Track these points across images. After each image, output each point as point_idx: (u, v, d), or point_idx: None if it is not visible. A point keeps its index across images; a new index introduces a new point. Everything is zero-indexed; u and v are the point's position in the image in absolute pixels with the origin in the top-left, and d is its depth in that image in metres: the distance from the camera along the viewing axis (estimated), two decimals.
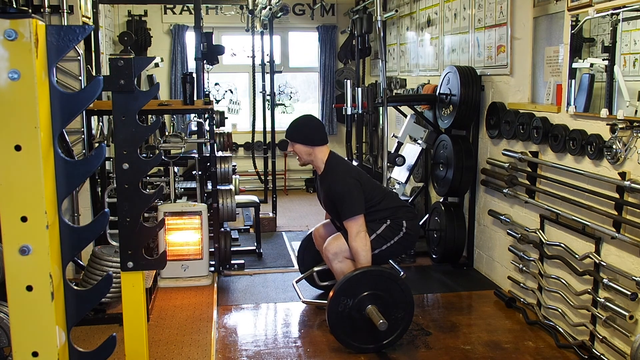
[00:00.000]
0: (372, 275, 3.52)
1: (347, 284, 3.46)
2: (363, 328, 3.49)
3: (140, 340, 1.92)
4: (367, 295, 3.47)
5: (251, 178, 8.26)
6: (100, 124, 4.98)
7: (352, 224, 3.63)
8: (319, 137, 3.87)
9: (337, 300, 3.46)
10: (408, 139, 5.61)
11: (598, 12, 3.28)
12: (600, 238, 3.39)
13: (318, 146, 3.85)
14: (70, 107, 1.50)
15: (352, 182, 3.72)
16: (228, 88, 8.82)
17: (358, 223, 3.62)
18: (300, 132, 3.87)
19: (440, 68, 5.75)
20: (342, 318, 3.47)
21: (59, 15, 4.52)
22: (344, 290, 3.46)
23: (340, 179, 3.75)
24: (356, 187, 3.70)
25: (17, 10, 1.39)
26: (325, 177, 3.86)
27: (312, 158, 3.88)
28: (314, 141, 3.84)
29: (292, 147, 3.90)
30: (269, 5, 6.17)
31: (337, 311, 3.47)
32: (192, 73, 4.69)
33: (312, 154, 3.86)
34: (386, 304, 3.48)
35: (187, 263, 4.51)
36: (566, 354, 3.54)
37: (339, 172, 3.80)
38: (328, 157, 3.87)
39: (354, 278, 3.48)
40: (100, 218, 1.60)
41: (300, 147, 3.86)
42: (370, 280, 3.49)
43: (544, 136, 3.86)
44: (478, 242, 5.05)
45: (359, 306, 3.47)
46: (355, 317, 3.48)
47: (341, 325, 3.49)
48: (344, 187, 3.69)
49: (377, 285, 3.49)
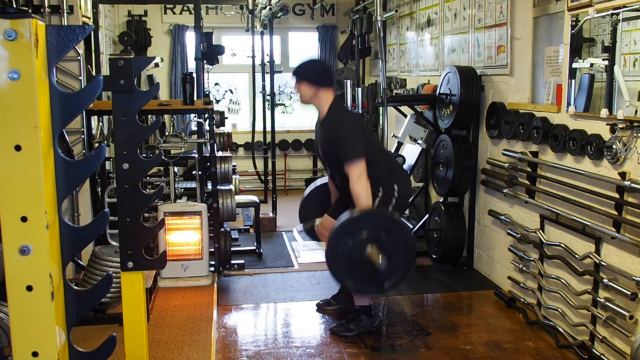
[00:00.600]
0: (373, 216, 3.44)
1: (347, 224, 3.37)
2: (362, 269, 3.38)
3: (140, 340, 1.92)
4: (367, 236, 3.35)
5: (251, 178, 8.26)
6: (100, 124, 4.98)
7: (353, 167, 3.53)
8: (326, 78, 3.77)
9: (338, 238, 3.36)
10: (408, 139, 5.61)
11: (598, 12, 3.28)
12: (600, 238, 3.39)
13: (323, 88, 3.74)
14: (70, 107, 1.50)
15: (355, 126, 3.64)
16: (228, 88, 8.82)
17: (359, 167, 3.53)
18: (307, 71, 3.77)
19: (440, 68, 5.75)
20: (341, 257, 3.37)
21: (59, 15, 4.51)
22: (344, 229, 3.36)
23: (343, 122, 3.65)
24: (358, 132, 3.62)
25: (17, 10, 1.39)
26: (327, 120, 3.75)
27: (316, 100, 3.76)
28: (319, 82, 3.73)
29: (298, 85, 3.78)
30: (269, 5, 6.17)
31: (336, 250, 3.36)
32: (192, 73, 4.69)
33: (316, 95, 3.74)
34: (387, 246, 3.35)
35: (187, 263, 4.51)
36: (566, 354, 3.54)
37: (342, 115, 3.71)
38: (333, 101, 3.76)
39: (355, 218, 3.38)
40: (100, 218, 1.60)
41: (305, 86, 3.74)
42: (372, 222, 3.39)
43: (544, 136, 3.86)
44: (478, 242, 5.05)
45: (359, 247, 3.34)
46: (355, 258, 3.36)
47: (340, 264, 3.39)
48: (346, 130, 3.60)
49: (379, 227, 3.38)
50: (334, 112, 3.74)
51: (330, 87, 3.78)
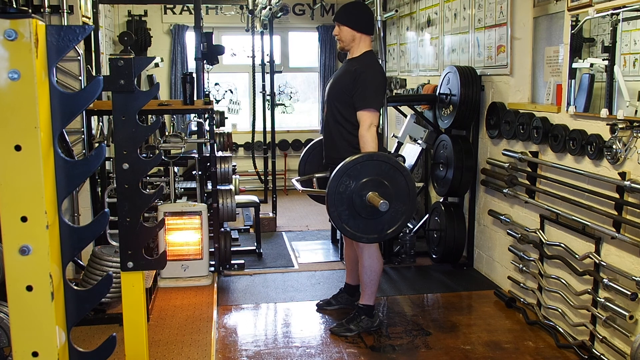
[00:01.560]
0: (377, 161, 3.36)
1: (351, 165, 3.30)
2: (362, 214, 3.33)
3: (140, 340, 1.92)
4: (369, 180, 3.29)
5: (251, 178, 8.26)
6: (100, 124, 4.98)
7: (367, 115, 3.51)
8: (369, 25, 3.75)
9: (339, 179, 3.29)
10: (408, 139, 5.61)
11: (598, 12, 3.28)
12: (600, 238, 3.39)
13: (365, 34, 3.72)
14: (70, 107, 1.50)
15: (382, 80, 3.63)
16: (228, 88, 8.82)
17: (374, 116, 3.52)
18: (350, 14, 3.74)
19: (440, 68, 5.75)
20: (342, 199, 3.31)
21: (59, 15, 4.51)
22: (347, 171, 3.30)
23: (375, 70, 3.63)
24: (383, 87, 3.61)
25: (17, 10, 1.39)
26: (355, 61, 3.72)
27: (354, 45, 3.74)
28: (361, 27, 3.71)
29: (339, 29, 3.75)
30: (269, 5, 6.16)
31: (337, 191, 3.30)
32: (192, 73, 4.69)
33: (355, 39, 3.72)
34: (389, 193, 3.30)
35: (187, 263, 4.51)
36: (566, 354, 3.54)
37: (375, 65, 3.69)
38: (369, 50, 3.75)
39: (358, 160, 3.31)
40: (100, 218, 1.60)
41: (346, 30, 3.72)
42: (375, 166, 3.33)
43: (544, 136, 3.86)
44: (478, 242, 5.05)
45: (360, 190, 3.29)
46: (356, 202, 3.30)
47: (340, 206, 3.32)
48: (374, 77, 3.57)
49: (381, 173, 3.32)
50: (366, 58, 3.72)
51: (371, 34, 3.76)
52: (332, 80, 3.87)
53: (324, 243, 5.94)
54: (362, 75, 3.59)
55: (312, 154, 4.30)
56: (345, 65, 3.82)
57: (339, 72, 3.86)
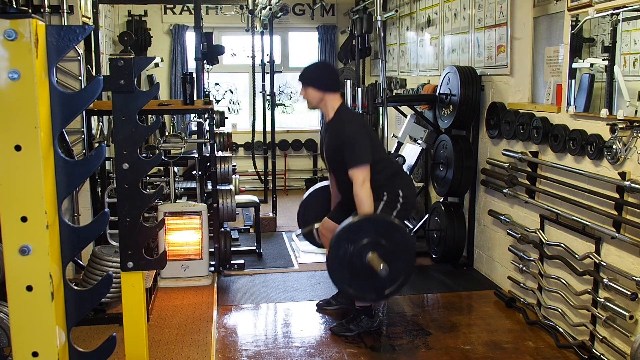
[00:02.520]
0: (375, 222, 3.42)
1: (349, 230, 3.35)
2: (363, 276, 3.36)
3: (140, 340, 1.92)
4: (368, 242, 3.33)
5: (251, 178, 8.26)
6: (100, 124, 4.98)
7: (358, 172, 3.53)
8: (333, 83, 3.76)
9: (339, 244, 3.34)
10: (408, 139, 5.61)
11: (598, 12, 3.28)
12: (600, 238, 3.39)
13: (330, 92, 3.74)
14: (70, 107, 1.50)
15: (362, 131, 3.63)
16: (228, 88, 8.82)
17: (364, 172, 3.54)
18: (314, 76, 3.77)
19: (440, 68, 5.75)
20: (342, 263, 3.35)
21: (59, 15, 4.51)
22: (346, 235, 3.34)
23: (350, 125, 3.65)
24: (365, 137, 3.61)
25: (17, 10, 1.39)
26: (333, 123, 3.75)
27: (322, 105, 3.77)
28: (326, 86, 3.73)
29: (304, 90, 3.78)
30: (269, 5, 6.17)
31: (337, 255, 3.34)
32: (192, 73, 4.69)
33: (323, 99, 3.75)
34: (388, 252, 3.33)
35: (187, 263, 4.51)
36: (566, 354, 3.54)
37: (349, 119, 3.70)
38: (340, 105, 3.76)
39: (356, 224, 3.37)
40: (100, 218, 1.60)
41: (311, 90, 3.75)
42: (373, 228, 3.38)
43: (544, 136, 3.86)
44: (478, 242, 5.05)
45: (360, 253, 3.33)
46: (356, 264, 3.34)
47: (341, 270, 3.37)
48: (353, 134, 3.59)
49: (379, 233, 3.36)
50: (341, 116, 3.73)
51: (338, 91, 3.78)
52: (325, 146, 3.91)
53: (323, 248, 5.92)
54: (342, 137, 3.63)
55: (312, 200, 4.34)
56: (326, 130, 3.85)
57: (325, 138, 3.89)
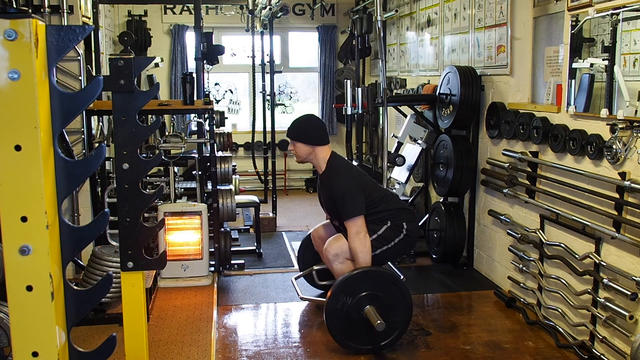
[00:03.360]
0: (372, 275, 3.52)
1: (346, 283, 3.46)
2: (361, 328, 3.49)
3: (140, 340, 1.92)
4: (366, 296, 3.46)
5: (251, 178, 8.26)
6: (100, 124, 4.98)
7: (351, 225, 3.63)
8: (321, 136, 3.85)
9: (336, 298, 3.46)
10: (408, 139, 5.61)
11: (598, 12, 3.28)
12: (600, 238, 3.39)
13: (319, 146, 3.83)
14: (70, 107, 1.50)
15: (352, 183, 3.71)
16: (228, 88, 8.82)
17: (358, 224, 3.62)
18: (301, 131, 3.86)
19: (440, 68, 5.75)
20: (340, 317, 3.47)
21: (59, 15, 4.52)
22: (343, 289, 3.46)
23: (341, 179, 3.74)
24: (356, 188, 3.70)
25: (17, 10, 1.39)
26: (325, 177, 3.85)
27: (313, 157, 3.86)
28: (315, 140, 3.82)
29: (293, 145, 3.89)
30: (269, 5, 6.16)
31: (335, 309, 3.46)
32: (192, 73, 4.69)
33: (312, 153, 3.85)
34: (384, 305, 3.48)
35: (187, 263, 4.51)
36: (566, 354, 3.54)
37: (339, 173, 3.79)
38: (330, 157, 3.85)
39: (353, 277, 3.48)
40: (100, 218, 1.60)
41: (301, 146, 3.85)
42: (370, 281, 3.49)
43: (544, 136, 3.86)
44: (478, 242, 5.05)
45: (357, 306, 3.46)
46: (354, 317, 3.47)
47: (339, 323, 3.49)
48: (344, 188, 3.69)
49: (377, 286, 3.49)
50: (331, 168, 3.83)
51: (326, 143, 3.88)
52: (320, 196, 4.03)
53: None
54: (334, 191, 3.73)
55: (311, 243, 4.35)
56: (320, 182, 3.95)
57: (320, 189, 3.99)
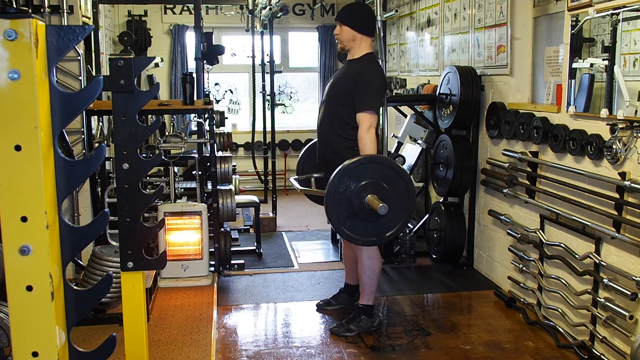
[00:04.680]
0: (379, 163, 3.37)
1: (352, 166, 3.28)
2: (361, 216, 3.31)
3: (140, 340, 1.92)
4: (370, 183, 3.28)
5: (251, 178, 8.26)
6: (100, 124, 4.98)
7: (367, 117, 3.54)
8: (370, 26, 3.77)
9: (340, 179, 3.28)
10: (408, 139, 5.61)
11: (598, 12, 3.28)
12: (600, 238, 3.39)
13: (365, 35, 3.74)
14: (70, 107, 1.50)
15: (382, 82, 3.66)
16: (228, 88, 8.82)
17: (373, 118, 3.56)
18: (351, 15, 3.76)
19: (440, 68, 5.75)
20: (341, 199, 3.30)
21: (59, 15, 4.51)
22: (348, 171, 3.29)
23: (375, 72, 3.66)
24: (382, 89, 3.65)
25: (17, 10, 1.39)
26: (355, 63, 3.74)
27: (353, 45, 3.76)
28: (361, 28, 3.72)
29: (339, 28, 3.77)
30: (269, 5, 6.17)
31: (337, 191, 3.28)
32: (192, 73, 4.69)
33: (355, 40, 3.74)
34: (388, 197, 3.27)
35: (187, 263, 4.51)
36: (566, 354, 3.54)
37: (375, 66, 3.72)
38: (369, 52, 3.76)
39: (360, 161, 3.31)
40: (100, 218, 1.60)
41: (347, 30, 3.73)
42: (377, 169, 3.32)
43: (544, 136, 3.86)
44: (478, 242, 5.05)
45: (360, 193, 3.28)
46: (355, 203, 3.29)
47: (339, 206, 3.31)
48: (374, 79, 3.60)
49: (383, 175, 3.31)
50: (367, 60, 3.74)
51: (372, 35, 3.78)
52: (332, 80, 3.88)
53: (324, 243, 5.94)
54: (363, 78, 3.62)
55: (311, 154, 4.31)
56: (345, 67, 3.84)
57: (340, 73, 3.88)
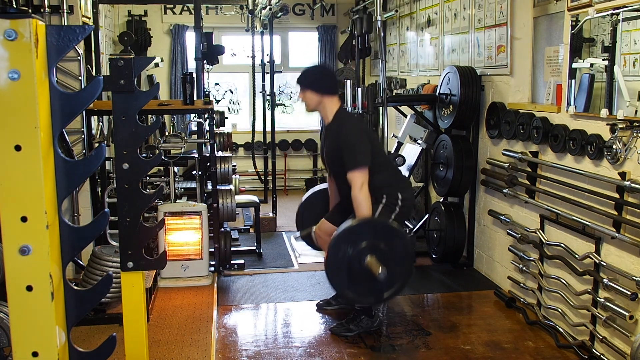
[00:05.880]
0: (375, 226, 3.43)
1: (349, 232, 3.35)
2: (362, 279, 3.36)
3: (140, 340, 1.92)
4: (368, 246, 3.33)
5: (251, 178, 8.25)
6: (100, 124, 4.98)
7: (357, 175, 3.54)
8: (330, 86, 3.77)
9: (338, 246, 3.34)
10: (408, 139, 5.61)
11: (598, 12, 3.28)
12: (600, 238, 3.39)
13: (328, 95, 3.74)
14: (70, 107, 1.50)
15: (361, 134, 3.65)
16: (228, 88, 8.82)
17: (363, 174, 3.54)
18: (311, 79, 3.78)
19: (440, 68, 5.75)
20: (341, 265, 3.35)
21: (59, 15, 4.51)
22: (346, 237, 3.35)
23: (350, 128, 3.66)
24: (364, 138, 3.63)
25: (17, 10, 1.39)
26: (332, 126, 3.76)
27: (321, 107, 3.77)
28: (325, 90, 3.73)
29: (303, 94, 3.79)
30: (269, 5, 6.17)
31: (336, 257, 3.34)
32: (192, 73, 4.69)
33: (321, 102, 3.75)
34: (386, 256, 3.33)
35: (187, 263, 4.51)
36: (566, 354, 3.54)
37: (349, 122, 3.72)
38: (338, 109, 3.77)
39: (356, 227, 3.38)
40: (100, 218, 1.60)
41: (310, 94, 3.75)
42: (373, 231, 3.38)
43: (544, 136, 3.86)
44: (478, 242, 5.05)
45: (359, 256, 3.32)
46: (355, 267, 3.34)
47: (339, 273, 3.37)
48: (352, 136, 3.61)
49: (379, 236, 3.37)
50: (339, 119, 3.75)
51: (335, 94, 3.79)
52: (325, 149, 3.92)
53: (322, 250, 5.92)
54: (342, 140, 3.64)
55: (311, 203, 4.34)
56: (326, 133, 3.86)
57: (326, 140, 3.90)
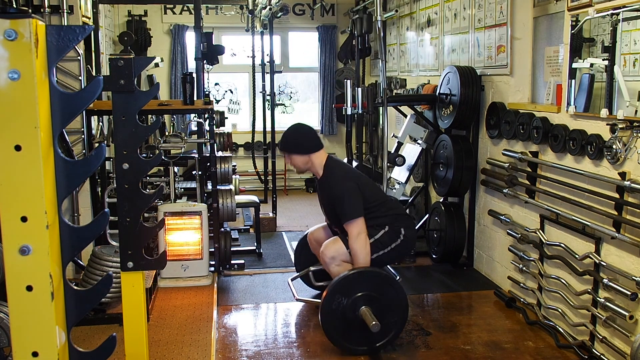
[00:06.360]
0: (368, 276, 3.52)
1: (342, 283, 3.47)
2: (356, 329, 3.48)
3: (140, 340, 1.92)
4: (361, 296, 3.46)
5: (251, 178, 8.26)
6: (100, 124, 4.98)
7: (352, 226, 3.63)
8: (313, 143, 3.87)
9: (332, 298, 3.46)
10: (408, 139, 5.61)
11: (598, 12, 3.28)
12: (600, 238, 3.39)
13: (314, 153, 3.86)
14: (70, 107, 1.50)
15: (350, 185, 3.73)
16: (228, 88, 8.82)
17: (358, 225, 3.63)
18: (295, 143, 3.88)
19: (440, 68, 5.75)
20: (335, 316, 3.47)
21: (59, 15, 4.52)
22: (339, 289, 3.46)
23: (339, 182, 3.76)
24: (355, 190, 3.71)
25: (17, 10, 1.39)
26: (324, 181, 3.87)
27: (310, 165, 3.89)
28: (309, 149, 3.85)
29: (289, 159, 3.92)
30: (269, 5, 6.16)
31: (330, 309, 3.46)
32: (192, 73, 4.69)
33: (309, 161, 3.87)
34: (380, 306, 3.47)
35: (187, 263, 4.51)
36: (566, 354, 3.54)
37: (337, 175, 3.81)
38: (326, 161, 3.88)
39: (350, 277, 3.48)
40: (100, 218, 1.60)
41: (297, 157, 3.88)
42: (366, 281, 3.49)
43: (544, 136, 3.86)
44: (478, 242, 5.05)
45: (353, 306, 3.46)
46: (349, 317, 3.46)
47: (334, 323, 3.49)
48: (342, 190, 3.70)
49: (373, 286, 3.49)
50: (329, 172, 3.86)
51: (320, 148, 3.90)
52: (320, 200, 4.06)
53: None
54: (333, 193, 3.75)
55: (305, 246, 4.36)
56: (320, 189, 3.98)
57: (320, 193, 4.02)
